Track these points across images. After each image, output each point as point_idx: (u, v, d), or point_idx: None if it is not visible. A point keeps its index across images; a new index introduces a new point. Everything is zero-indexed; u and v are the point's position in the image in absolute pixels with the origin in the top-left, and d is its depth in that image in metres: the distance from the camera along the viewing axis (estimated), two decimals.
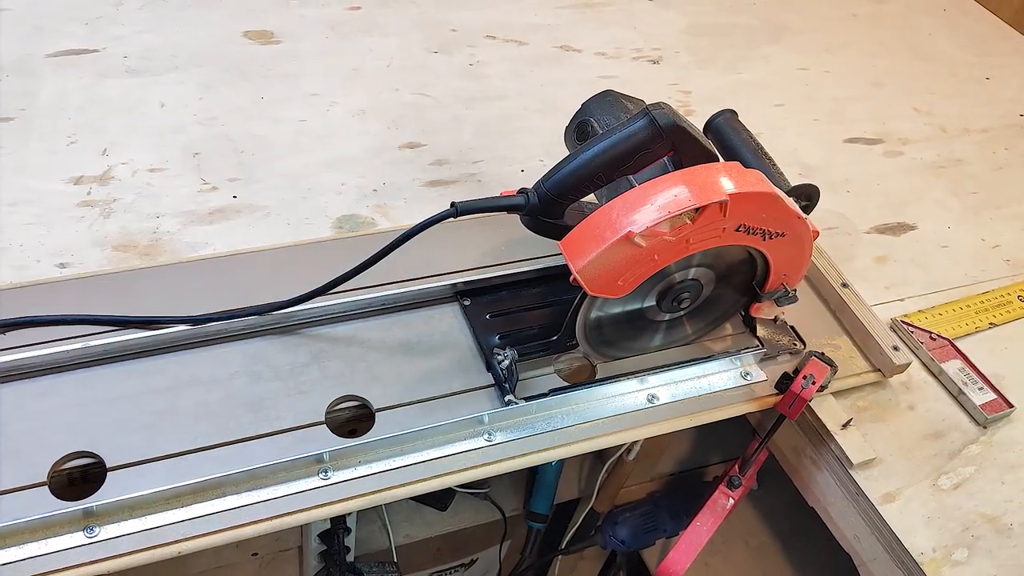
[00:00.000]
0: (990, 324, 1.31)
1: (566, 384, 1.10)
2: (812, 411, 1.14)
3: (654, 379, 1.11)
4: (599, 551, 1.85)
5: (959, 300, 1.34)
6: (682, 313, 1.12)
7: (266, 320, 1.08)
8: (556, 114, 1.51)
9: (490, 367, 1.09)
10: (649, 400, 1.10)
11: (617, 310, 1.07)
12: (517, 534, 1.80)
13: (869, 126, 1.66)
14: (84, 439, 0.95)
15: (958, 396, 1.21)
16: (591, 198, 1.11)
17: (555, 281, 1.19)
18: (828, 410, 1.14)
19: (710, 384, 1.13)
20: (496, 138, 1.47)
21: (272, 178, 1.32)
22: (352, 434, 1.01)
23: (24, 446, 0.93)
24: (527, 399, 1.05)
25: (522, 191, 1.06)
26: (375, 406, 1.03)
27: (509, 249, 1.23)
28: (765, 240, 1.01)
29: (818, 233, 1.04)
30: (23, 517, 0.86)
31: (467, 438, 1.02)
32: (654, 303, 1.08)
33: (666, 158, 1.04)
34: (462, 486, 1.15)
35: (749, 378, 1.14)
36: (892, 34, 1.94)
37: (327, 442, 0.99)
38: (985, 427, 1.18)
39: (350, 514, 1.37)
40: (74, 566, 0.86)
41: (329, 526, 1.39)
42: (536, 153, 1.45)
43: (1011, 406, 1.20)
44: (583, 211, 1.01)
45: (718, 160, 1.05)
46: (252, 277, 1.15)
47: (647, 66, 1.71)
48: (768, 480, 1.46)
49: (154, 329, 1.04)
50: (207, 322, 1.06)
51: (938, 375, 1.23)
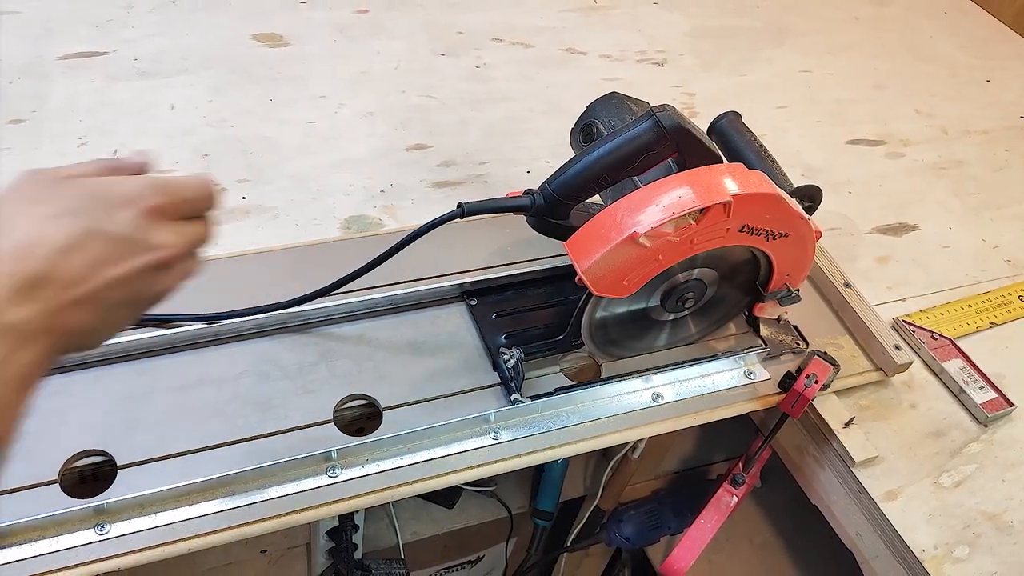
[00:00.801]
0: (991, 324, 1.31)
1: (571, 383, 1.10)
2: (815, 410, 1.13)
3: (658, 378, 1.11)
4: (604, 548, 1.84)
5: (960, 300, 1.33)
6: (686, 313, 1.12)
7: (275, 320, 1.08)
8: (561, 116, 1.51)
9: (496, 366, 1.09)
10: (654, 399, 1.10)
11: (622, 310, 1.07)
12: (523, 531, 1.80)
13: (871, 128, 1.66)
14: (95, 437, 0.95)
15: (959, 395, 1.20)
16: (596, 199, 1.10)
17: (561, 281, 1.19)
18: (831, 409, 1.14)
19: (714, 383, 1.13)
20: (502, 140, 1.47)
21: (281, 179, 1.32)
22: (360, 432, 1.01)
23: (35, 444, 0.93)
24: (533, 398, 1.05)
25: (528, 192, 1.05)
26: (382, 405, 1.03)
27: (515, 249, 1.23)
28: (768, 241, 1.01)
29: (820, 234, 1.04)
30: (35, 514, 0.86)
31: (473, 436, 1.02)
32: (658, 303, 1.08)
33: (670, 160, 1.03)
34: (469, 484, 1.15)
35: (752, 377, 1.14)
36: (894, 37, 1.94)
37: (335, 440, 0.99)
38: (986, 426, 1.18)
39: (358, 511, 1.37)
40: (85, 563, 0.86)
41: (337, 523, 1.39)
42: (542, 155, 1.44)
43: (1012, 405, 1.19)
44: (588, 212, 1.00)
45: (722, 162, 1.05)
46: (261, 277, 1.15)
47: (652, 68, 1.71)
48: (771, 478, 1.46)
49: (165, 328, 1.04)
50: (217, 321, 1.06)
51: (939, 374, 1.23)
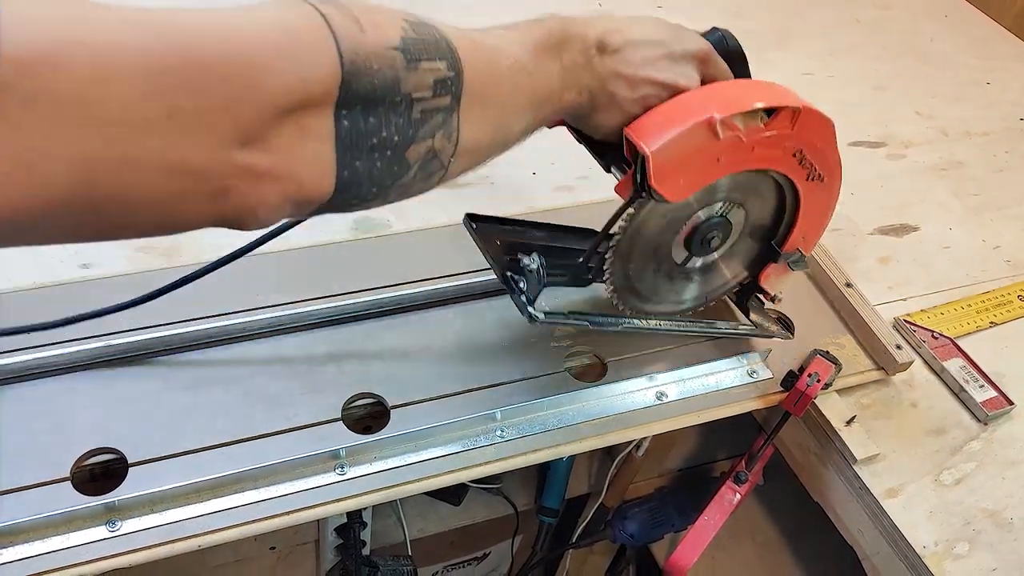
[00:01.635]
0: (991, 323, 1.31)
1: (587, 312, 1.10)
2: (817, 408, 1.13)
3: (663, 377, 1.11)
4: (609, 545, 1.85)
5: (960, 300, 1.33)
6: (709, 257, 1.10)
7: (283, 319, 1.08)
8: None
9: (506, 279, 1.02)
10: (658, 397, 1.10)
11: (652, 233, 1.04)
12: (529, 528, 1.80)
13: (872, 129, 1.66)
14: (106, 435, 0.95)
15: (959, 394, 1.20)
16: None
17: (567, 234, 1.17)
18: (832, 407, 1.14)
19: (717, 382, 1.13)
20: None
21: None
22: (368, 430, 1.01)
23: (47, 442, 0.93)
24: (548, 314, 1.03)
25: None
26: (390, 403, 1.03)
27: None
28: (809, 180, 1.01)
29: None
30: (46, 512, 0.86)
31: (480, 434, 1.03)
32: (682, 245, 1.06)
33: None
34: (475, 481, 1.15)
35: (755, 376, 1.14)
36: (895, 39, 1.94)
37: (343, 438, 0.99)
38: (986, 424, 1.18)
39: (366, 509, 1.37)
40: (96, 559, 0.86)
41: (345, 520, 1.39)
42: (547, 157, 1.44)
43: (1011, 403, 1.19)
44: None
45: None
46: (270, 277, 1.15)
47: None
48: (774, 476, 1.45)
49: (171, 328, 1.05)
50: (226, 320, 1.06)
51: (940, 373, 1.23)
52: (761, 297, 1.15)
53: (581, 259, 1.06)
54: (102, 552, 0.87)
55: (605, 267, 1.04)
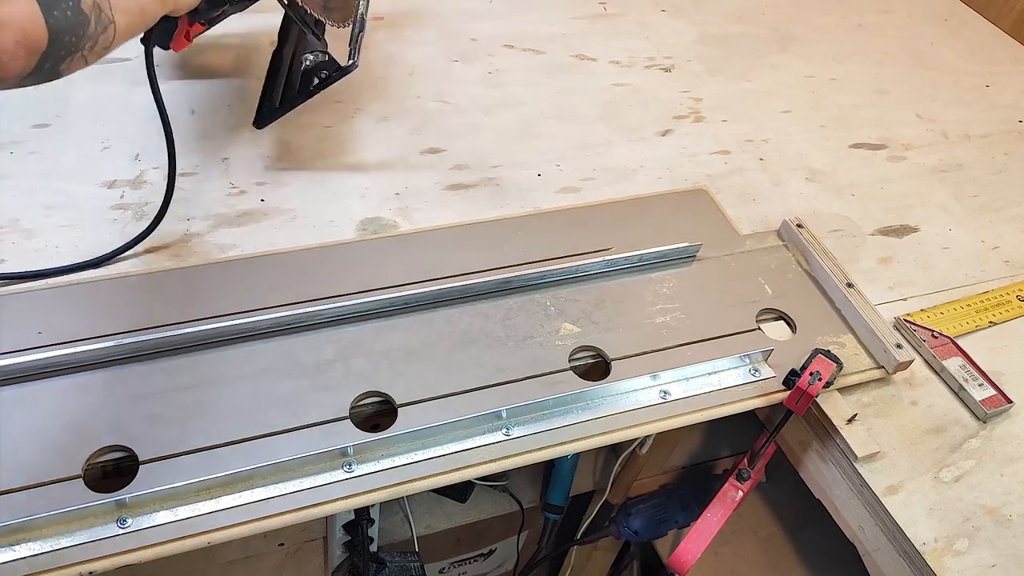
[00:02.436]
0: (990, 323, 1.30)
1: None
2: (818, 406, 1.13)
3: (667, 375, 1.11)
4: (613, 541, 1.85)
5: (960, 300, 1.33)
6: None
7: (292, 318, 1.08)
8: (572, 120, 1.52)
9: None
10: (662, 396, 1.10)
11: None
12: (534, 525, 1.80)
13: (873, 132, 1.65)
14: (118, 433, 0.95)
15: (959, 392, 1.20)
16: None
17: None
18: (833, 405, 1.14)
19: (720, 380, 1.13)
20: (514, 143, 1.47)
21: (298, 182, 1.32)
22: (375, 429, 1.01)
23: (59, 440, 0.93)
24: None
25: None
26: (398, 402, 1.03)
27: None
28: None
29: None
30: (59, 508, 0.86)
31: (486, 432, 1.02)
32: None
33: None
34: (481, 479, 1.15)
35: (758, 375, 1.14)
36: (896, 43, 1.94)
37: (351, 436, 0.99)
38: (985, 422, 1.18)
39: (373, 506, 1.37)
40: (107, 556, 0.87)
41: (353, 517, 1.39)
42: (552, 158, 1.44)
43: (1010, 402, 1.19)
44: None
45: None
46: (279, 277, 1.15)
47: (659, 74, 1.71)
48: (776, 473, 1.45)
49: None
50: (235, 320, 1.06)
51: (940, 372, 1.22)
52: None
53: None
54: (113, 548, 0.87)
55: None
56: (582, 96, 1.61)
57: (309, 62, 1.28)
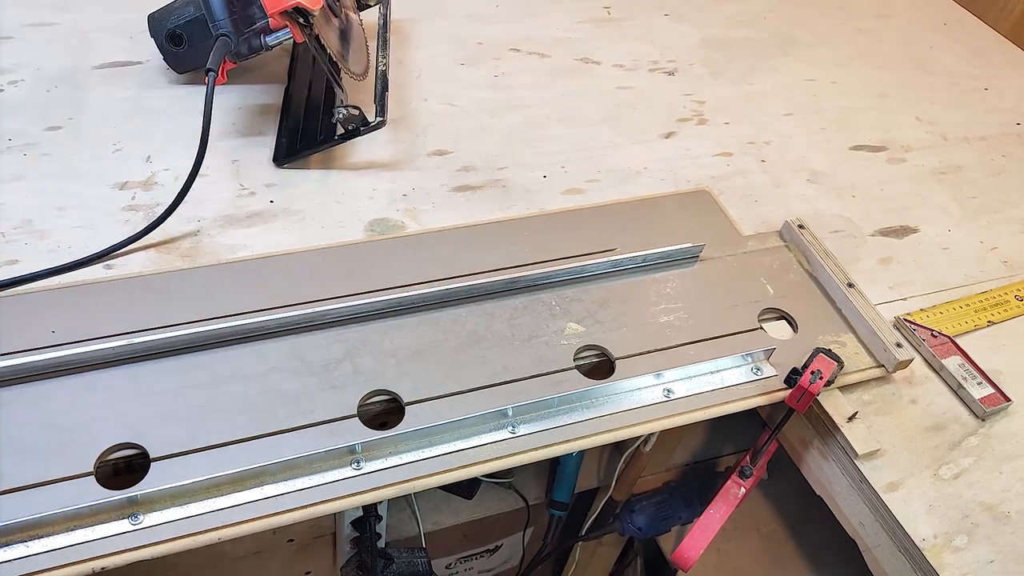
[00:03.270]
0: (988, 322, 1.30)
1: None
2: (819, 404, 1.13)
3: (670, 374, 1.11)
4: (617, 538, 1.84)
5: (959, 299, 1.33)
6: None
7: (300, 318, 1.08)
8: (577, 123, 1.52)
9: None
10: (665, 394, 1.10)
11: None
12: (539, 521, 1.80)
13: (874, 134, 1.65)
14: (129, 431, 0.95)
15: (958, 390, 1.20)
16: None
17: None
18: (834, 404, 1.14)
19: (723, 379, 1.13)
20: (520, 146, 1.47)
21: (307, 183, 1.32)
22: (383, 426, 1.01)
23: (72, 438, 0.93)
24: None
25: None
26: (405, 400, 1.03)
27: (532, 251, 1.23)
28: None
29: None
30: (71, 505, 0.86)
31: (492, 430, 1.02)
32: None
33: None
34: (487, 476, 1.15)
35: (760, 373, 1.14)
36: (895, 47, 1.93)
37: (359, 434, 0.98)
38: (984, 420, 1.18)
39: (381, 502, 1.37)
40: (119, 552, 0.86)
41: (361, 514, 1.38)
42: (558, 160, 1.44)
43: (1008, 400, 1.19)
44: None
45: None
46: (288, 277, 1.15)
47: (663, 77, 1.71)
48: (777, 470, 1.45)
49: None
50: (245, 319, 1.06)
51: (939, 370, 1.22)
52: None
53: None
54: (125, 544, 0.87)
55: None
56: (587, 99, 1.61)
57: (342, 116, 1.29)
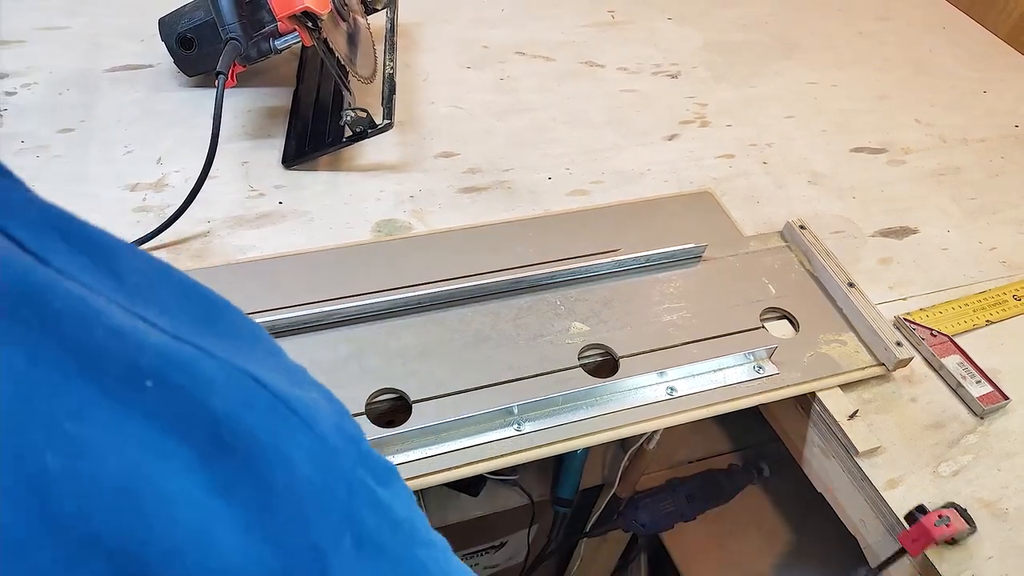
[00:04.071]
0: (987, 321, 1.30)
1: None
2: (820, 403, 1.13)
3: (673, 372, 1.11)
4: (621, 534, 1.84)
5: (958, 299, 1.33)
6: None
7: (309, 317, 1.08)
8: (581, 125, 1.52)
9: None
10: (669, 392, 1.10)
11: None
12: (544, 518, 1.80)
13: (874, 136, 1.65)
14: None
15: (957, 389, 1.20)
16: None
17: None
18: (836, 402, 1.14)
19: (725, 377, 1.13)
20: (525, 148, 1.47)
21: (315, 185, 1.32)
22: (390, 424, 1.01)
23: None
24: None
25: None
26: (412, 398, 1.03)
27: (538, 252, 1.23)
28: None
29: None
30: None
31: (498, 428, 1.02)
32: None
33: None
34: (493, 473, 1.15)
35: (762, 372, 1.14)
36: (895, 51, 1.93)
37: (367, 432, 0.98)
38: (982, 418, 1.17)
39: None
40: None
41: None
42: (563, 162, 1.44)
43: (1007, 398, 1.19)
44: None
45: None
46: (296, 277, 1.15)
47: (666, 80, 1.71)
48: (779, 468, 1.45)
49: None
50: (254, 319, 1.06)
51: (938, 369, 1.22)
52: None
53: None
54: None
55: None
56: (591, 102, 1.61)
57: (350, 118, 1.29)
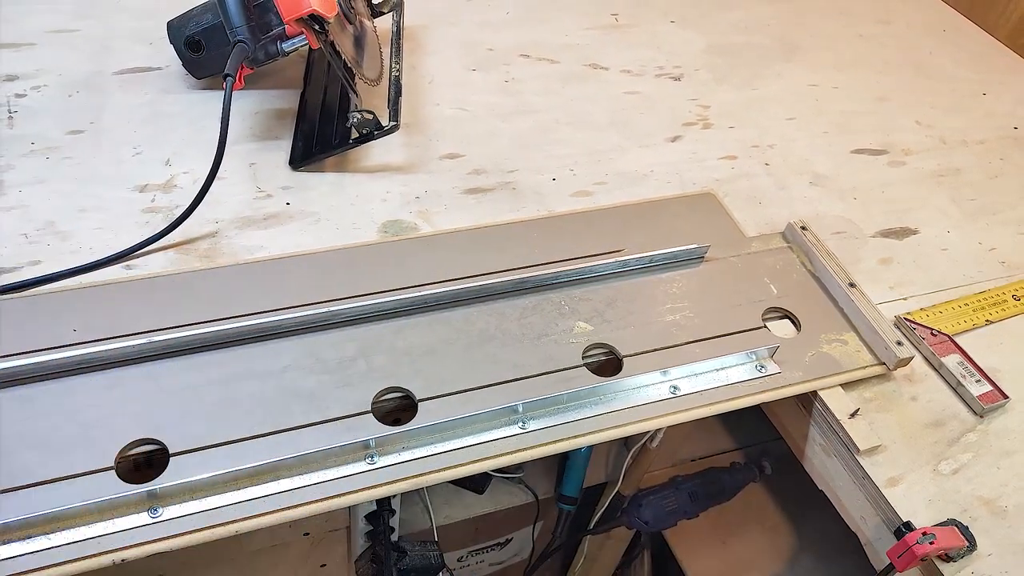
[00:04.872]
0: (987, 321, 1.30)
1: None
2: (822, 401, 1.13)
3: (676, 371, 1.10)
4: (625, 531, 1.84)
5: (958, 299, 1.32)
6: None
7: (316, 317, 1.08)
8: (585, 127, 1.51)
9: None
10: (671, 391, 1.09)
11: None
12: (549, 516, 1.80)
13: (874, 138, 1.65)
14: (149, 427, 0.95)
15: (957, 388, 1.19)
16: None
17: None
18: (837, 401, 1.13)
19: (727, 376, 1.12)
20: (530, 149, 1.46)
21: (322, 186, 1.32)
22: (396, 423, 1.01)
23: (93, 433, 0.93)
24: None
25: None
26: (418, 397, 1.03)
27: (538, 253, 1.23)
28: None
29: None
30: (92, 499, 0.86)
31: (503, 426, 1.02)
32: None
33: None
34: (498, 471, 1.15)
35: (763, 371, 1.13)
36: (896, 53, 1.93)
37: (373, 430, 0.98)
38: (982, 417, 1.17)
39: (394, 497, 1.37)
40: (139, 544, 0.86)
41: (375, 508, 1.39)
42: (567, 163, 1.44)
43: (1006, 397, 1.18)
44: None
45: None
46: (303, 277, 1.15)
47: (669, 83, 1.70)
48: (780, 466, 1.45)
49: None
50: (262, 318, 1.06)
51: (938, 368, 1.22)
52: None
53: None
54: (144, 537, 0.87)
55: None
56: (595, 104, 1.61)
57: (356, 120, 1.29)
